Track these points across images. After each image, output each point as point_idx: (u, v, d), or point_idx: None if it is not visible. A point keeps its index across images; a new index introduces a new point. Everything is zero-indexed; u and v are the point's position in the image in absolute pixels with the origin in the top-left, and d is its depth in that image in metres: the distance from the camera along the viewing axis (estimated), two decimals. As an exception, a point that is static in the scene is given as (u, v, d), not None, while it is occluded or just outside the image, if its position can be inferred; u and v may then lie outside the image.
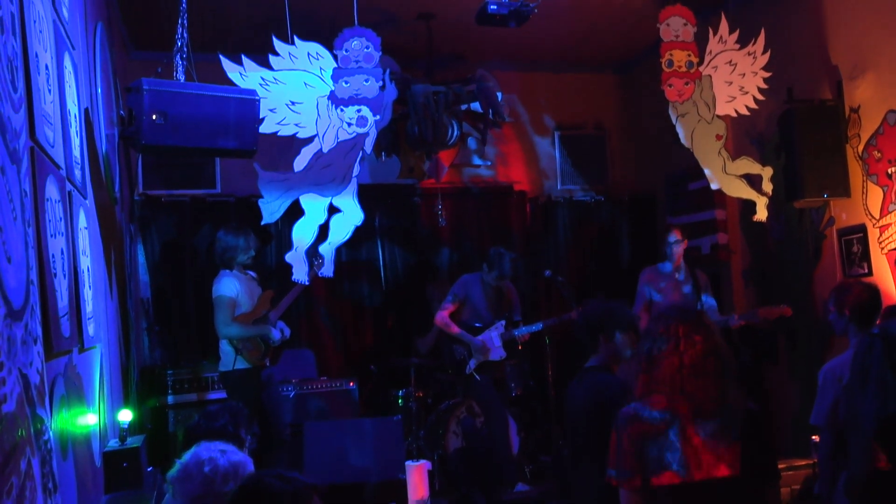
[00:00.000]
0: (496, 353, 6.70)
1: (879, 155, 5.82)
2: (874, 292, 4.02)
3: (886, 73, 5.75)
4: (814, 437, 4.47)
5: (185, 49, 4.63)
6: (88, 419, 3.46)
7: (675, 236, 6.68)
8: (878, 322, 4.04)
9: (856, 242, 6.05)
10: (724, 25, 5.98)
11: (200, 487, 2.76)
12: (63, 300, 2.89)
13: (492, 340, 6.69)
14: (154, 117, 4.26)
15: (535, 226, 8.56)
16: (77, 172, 3.62)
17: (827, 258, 6.40)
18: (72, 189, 3.38)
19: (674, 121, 5.88)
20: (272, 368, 6.00)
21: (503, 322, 6.76)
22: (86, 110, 4.17)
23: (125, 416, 4.13)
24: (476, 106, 6.98)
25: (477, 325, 6.74)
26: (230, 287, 5.75)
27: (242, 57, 5.01)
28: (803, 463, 5.51)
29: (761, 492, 2.92)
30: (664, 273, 6.74)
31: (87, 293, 3.60)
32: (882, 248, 5.79)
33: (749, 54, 6.03)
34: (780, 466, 4.93)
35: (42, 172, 2.69)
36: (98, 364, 3.94)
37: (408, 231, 8.11)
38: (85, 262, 3.62)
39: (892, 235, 5.71)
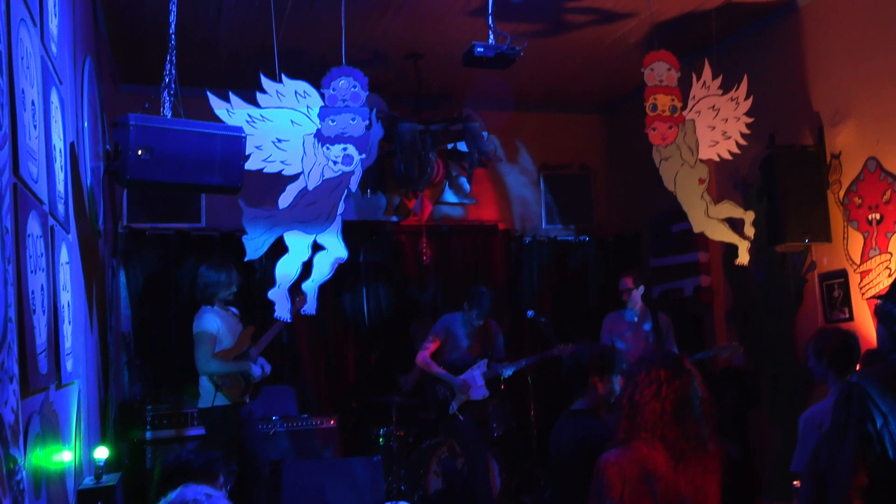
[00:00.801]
0: (478, 392, 6.68)
1: (860, 201, 5.88)
2: (852, 340, 4.04)
3: (867, 120, 5.83)
4: (795, 483, 4.46)
5: (173, 85, 4.65)
6: (64, 457, 3.42)
7: (625, 284, 6.74)
8: (857, 368, 4.06)
9: (837, 287, 6.09)
10: (707, 71, 6.05)
11: None
12: (41, 337, 2.86)
13: (474, 379, 6.68)
14: (140, 152, 4.26)
15: (519, 265, 8.58)
16: (60, 207, 3.61)
17: (808, 302, 6.43)
18: (54, 224, 3.36)
19: (657, 164, 5.92)
20: (252, 405, 5.96)
21: (486, 360, 6.75)
22: (71, 144, 4.17)
23: (101, 453, 4.07)
24: (462, 145, 7.03)
25: (458, 364, 6.72)
26: (211, 323, 5.72)
27: (230, 94, 5.03)
28: (784, 508, 5.50)
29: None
30: (625, 320, 6.78)
31: (67, 329, 3.57)
32: (863, 294, 5.83)
33: (732, 100, 6.10)
34: (762, 511, 4.95)
35: (24, 208, 2.68)
36: (76, 400, 3.90)
37: (392, 269, 8.11)
38: (65, 298, 3.59)
39: (872, 281, 5.75)
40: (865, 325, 5.69)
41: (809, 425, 3.93)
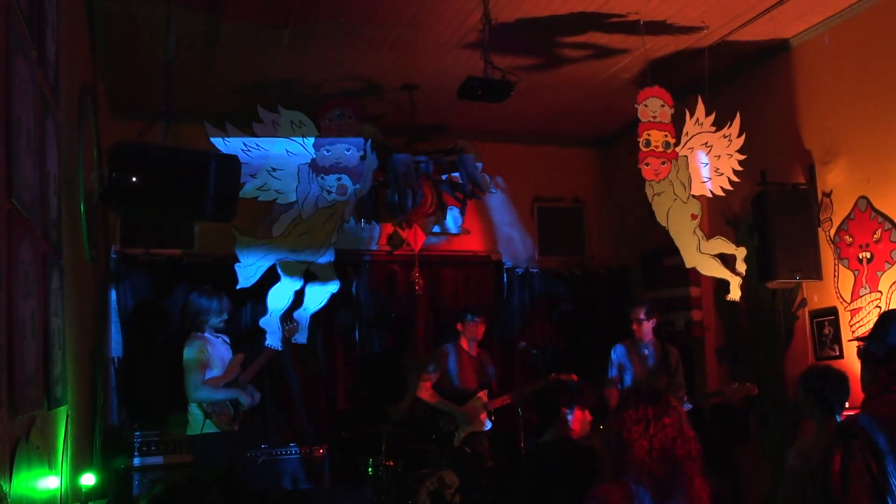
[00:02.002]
0: (480, 424, 6.70)
1: (851, 239, 5.92)
2: (841, 377, 4.05)
3: (858, 160, 5.88)
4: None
5: (169, 113, 4.69)
6: (50, 483, 3.40)
7: (637, 314, 6.71)
8: (845, 405, 4.08)
9: (827, 325, 6.11)
10: (700, 108, 6.11)
11: None
12: (31, 363, 2.86)
13: (476, 410, 6.70)
14: (133, 179, 4.29)
15: (511, 296, 8.58)
16: (53, 233, 3.62)
17: (799, 339, 6.45)
18: (47, 250, 3.37)
19: (650, 199, 5.96)
20: (241, 433, 5.92)
21: (486, 391, 6.78)
22: (66, 170, 4.18)
23: (88, 479, 4.05)
24: (456, 176, 7.06)
25: (458, 395, 6.74)
26: (201, 350, 5.69)
27: (226, 123, 5.07)
28: (772, 545, 5.48)
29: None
30: (637, 351, 6.77)
31: (57, 354, 3.56)
32: (853, 332, 5.85)
33: (725, 137, 6.16)
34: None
35: (17, 235, 2.69)
36: (63, 426, 3.88)
37: (384, 298, 8.11)
38: (56, 323, 3.59)
39: (862, 319, 5.77)
40: (855, 362, 5.66)
41: (796, 461, 3.93)
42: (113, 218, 6.41)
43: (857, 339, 5.54)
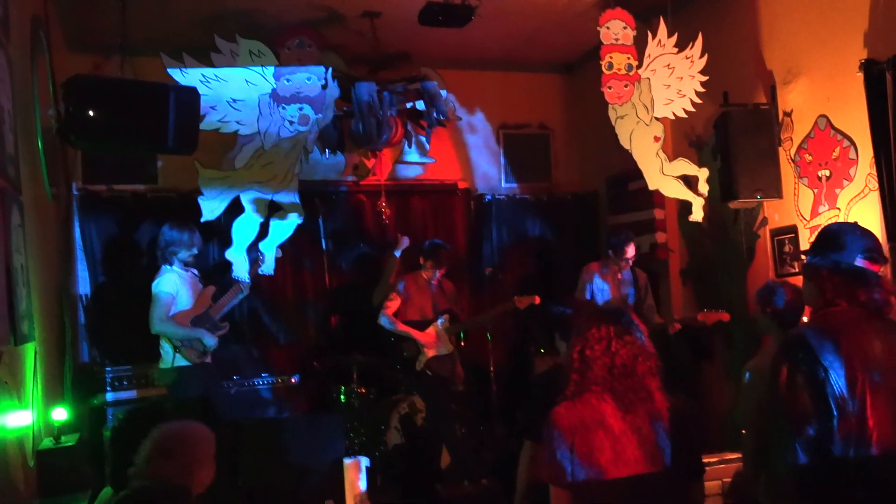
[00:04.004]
0: (441, 348, 6.81)
1: (810, 158, 5.99)
2: (796, 294, 4.14)
3: (818, 79, 5.92)
4: (743, 432, 4.59)
5: (124, 46, 4.61)
6: (21, 418, 3.44)
7: (632, 251, 6.78)
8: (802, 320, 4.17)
9: (787, 242, 6.23)
10: (662, 29, 6.10)
11: None
12: (-6, 299, 2.86)
13: (437, 335, 6.81)
14: (91, 113, 4.23)
15: (479, 223, 8.62)
16: (10, 169, 3.58)
17: (760, 258, 6.57)
18: (5, 186, 3.34)
19: (613, 122, 5.98)
20: (213, 364, 5.96)
21: (446, 317, 6.87)
22: (21, 106, 4.12)
23: (59, 414, 4.09)
24: (420, 104, 7.02)
25: (421, 320, 6.82)
26: (170, 284, 5.68)
27: (183, 54, 4.99)
28: (734, 457, 5.65)
29: (686, 487, 3.01)
30: (607, 271, 6.87)
31: (21, 291, 3.57)
32: (812, 249, 5.95)
33: (687, 58, 6.17)
34: (712, 460, 5.10)
35: (-28, 171, 2.67)
36: (32, 362, 3.90)
37: (351, 229, 8.11)
38: (19, 260, 3.59)
39: (821, 236, 5.87)
40: (814, 279, 5.81)
41: (753, 376, 4.04)
42: (73, 154, 6.32)
43: (801, 252, 5.62)
